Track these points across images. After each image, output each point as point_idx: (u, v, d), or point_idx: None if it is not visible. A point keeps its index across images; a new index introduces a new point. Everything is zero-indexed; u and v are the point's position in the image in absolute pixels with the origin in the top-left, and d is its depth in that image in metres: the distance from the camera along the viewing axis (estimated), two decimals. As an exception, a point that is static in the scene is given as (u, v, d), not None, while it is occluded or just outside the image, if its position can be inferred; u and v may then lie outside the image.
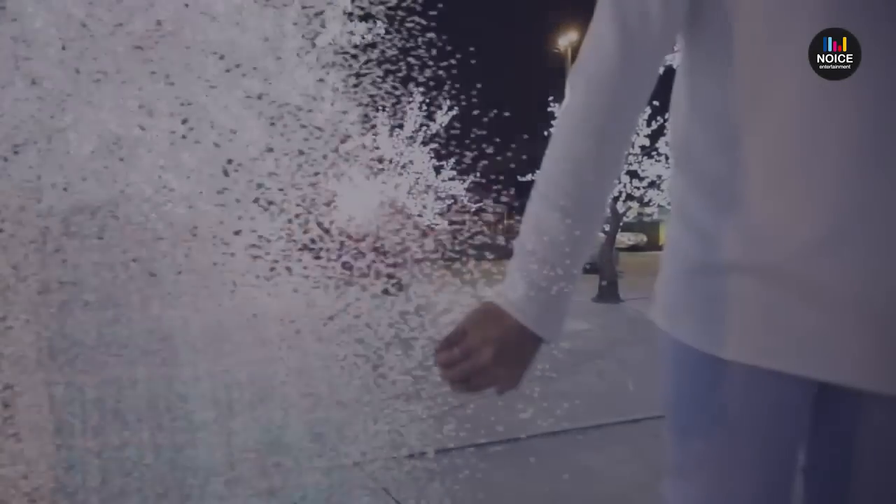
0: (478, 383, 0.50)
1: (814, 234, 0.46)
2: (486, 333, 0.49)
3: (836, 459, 0.56)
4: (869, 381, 0.48)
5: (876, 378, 0.48)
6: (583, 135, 0.51)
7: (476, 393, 0.51)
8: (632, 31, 0.52)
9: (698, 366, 0.56)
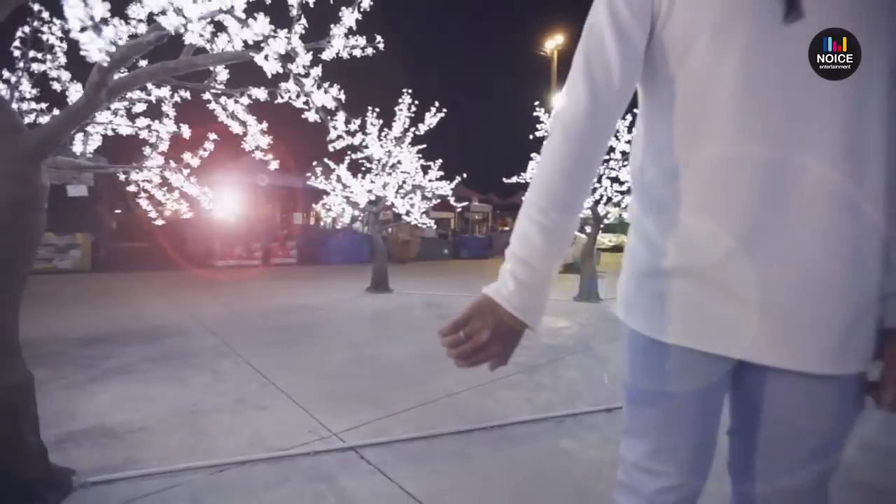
0: (477, 359, 0.65)
1: (728, 248, 0.63)
2: (484, 320, 0.64)
3: (749, 420, 0.73)
4: (770, 358, 0.65)
5: (775, 356, 0.64)
6: (558, 171, 0.67)
7: (474, 366, 0.66)
8: (598, 83, 0.67)
9: (646, 348, 0.72)
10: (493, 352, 0.64)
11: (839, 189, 0.59)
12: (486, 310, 0.65)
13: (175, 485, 1.61)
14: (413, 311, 5.30)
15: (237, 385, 2.65)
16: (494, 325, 0.64)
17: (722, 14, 0.61)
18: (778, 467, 0.71)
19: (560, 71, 20.08)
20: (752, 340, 0.65)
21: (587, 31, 0.70)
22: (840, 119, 0.59)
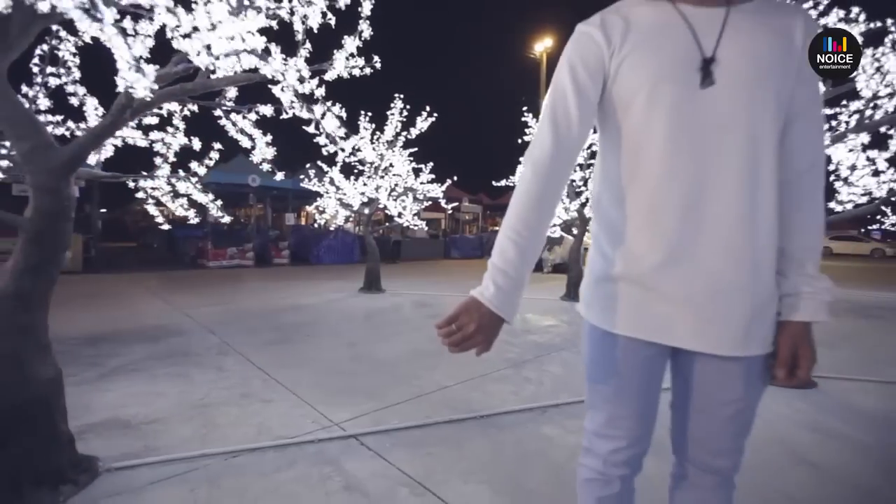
0: (465, 345, 0.82)
1: (659, 261, 0.82)
2: (471, 316, 0.82)
3: (682, 394, 0.92)
4: (694, 345, 0.84)
5: (698, 343, 0.83)
6: (529, 200, 0.85)
7: (464, 351, 0.83)
8: (561, 129, 0.86)
9: (601, 338, 0.91)
10: (478, 340, 0.82)
11: (740, 217, 0.78)
12: (473, 308, 0.83)
13: (193, 469, 1.77)
14: (405, 311, 5.46)
15: (241, 381, 2.80)
16: (479, 320, 0.82)
17: (655, 79, 0.80)
18: (704, 432, 0.90)
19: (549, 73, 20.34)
20: (681, 332, 0.84)
21: (553, 87, 0.88)
22: (740, 163, 0.78)
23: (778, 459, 1.95)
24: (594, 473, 0.96)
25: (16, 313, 1.54)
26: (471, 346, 0.82)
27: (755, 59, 0.78)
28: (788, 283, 0.84)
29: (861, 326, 4.98)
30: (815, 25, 0.84)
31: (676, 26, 0.81)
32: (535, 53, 21.07)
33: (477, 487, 1.68)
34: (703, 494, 0.94)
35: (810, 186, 0.84)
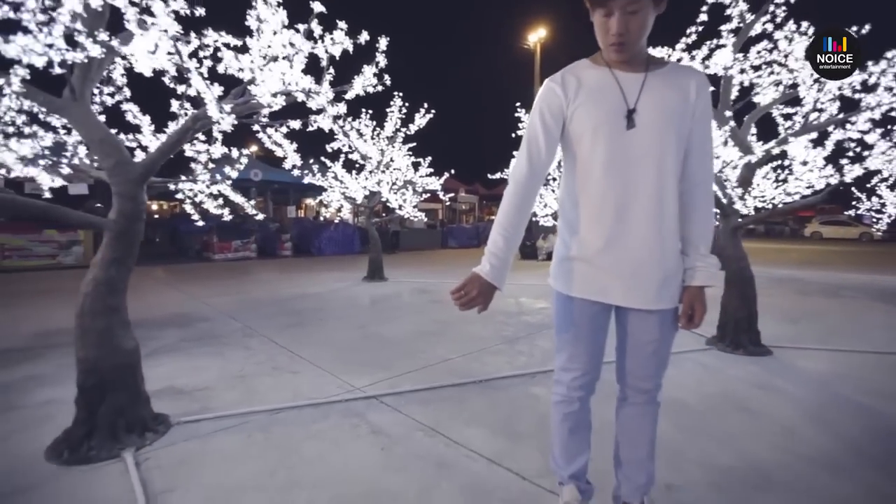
0: (470, 305, 1.21)
1: (599, 246, 1.20)
2: (473, 284, 1.20)
3: (621, 338, 1.32)
4: (626, 302, 1.23)
5: (628, 301, 1.23)
6: (512, 206, 1.23)
7: (469, 309, 1.21)
8: (533, 157, 1.24)
9: (562, 300, 1.30)
10: (479, 301, 1.21)
11: (652, 218, 1.17)
12: (475, 279, 1.21)
13: (245, 422, 2.17)
14: (408, 297, 5.87)
15: (269, 357, 3.20)
16: (479, 287, 1.20)
17: (597, 123, 1.18)
18: (635, 364, 1.31)
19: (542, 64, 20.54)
20: (614, 294, 1.23)
21: (528, 125, 1.26)
22: (652, 178, 1.16)
23: (723, 407, 2.37)
24: (561, 397, 1.36)
25: (106, 296, 1.93)
26: (474, 306, 1.21)
27: (663, 109, 1.17)
28: (688, 259, 1.24)
29: (827, 304, 5.43)
30: (706, 83, 1.23)
31: (612, 86, 1.19)
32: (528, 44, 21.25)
33: (477, 430, 2.09)
34: (638, 409, 1.35)
35: (702, 194, 1.23)
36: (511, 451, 1.90)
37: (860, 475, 1.73)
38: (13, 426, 2.14)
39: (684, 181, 1.22)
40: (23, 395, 2.49)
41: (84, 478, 1.70)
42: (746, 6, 3.16)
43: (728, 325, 3.46)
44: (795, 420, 2.23)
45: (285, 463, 1.81)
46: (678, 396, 2.49)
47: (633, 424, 1.36)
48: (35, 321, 4.26)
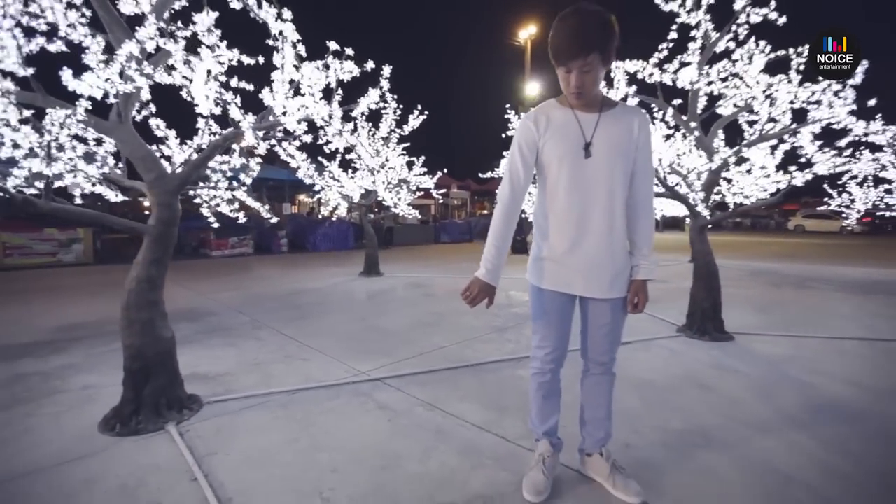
0: (475, 302, 1.55)
1: (565, 248, 1.54)
2: (475, 285, 1.54)
3: (584, 323, 1.66)
4: (586, 293, 1.57)
5: (587, 292, 1.56)
6: (500, 221, 1.57)
7: (476, 305, 1.55)
8: (514, 182, 1.57)
9: (536, 291, 1.64)
10: (481, 298, 1.54)
11: (604, 228, 1.50)
12: (476, 281, 1.55)
13: (267, 401, 2.48)
14: (403, 291, 6.19)
15: (279, 346, 3.51)
16: (480, 287, 1.54)
17: (561, 154, 1.51)
18: (594, 343, 1.64)
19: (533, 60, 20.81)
20: (577, 286, 1.57)
21: (510, 155, 1.59)
22: (605, 196, 1.49)
23: (683, 384, 2.73)
24: (536, 369, 1.70)
25: (147, 292, 2.22)
26: (479, 302, 1.54)
27: (613, 143, 1.49)
28: (634, 258, 1.57)
29: (794, 295, 5.85)
30: (647, 120, 1.56)
31: (573, 124, 1.51)
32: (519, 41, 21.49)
33: (469, 405, 2.43)
34: (597, 378, 1.69)
35: (645, 207, 1.56)
36: (498, 421, 2.24)
37: (784, 434, 2.10)
38: (61, 407, 2.43)
39: (631, 197, 1.55)
40: (63, 382, 2.78)
41: (137, 446, 2.01)
42: (711, 26, 3.50)
43: (695, 314, 3.83)
44: (742, 394, 2.60)
45: (306, 432, 2.13)
46: (646, 377, 2.85)
47: (594, 391, 1.70)
48: (51, 317, 4.52)
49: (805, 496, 1.64)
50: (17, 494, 1.66)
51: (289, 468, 1.83)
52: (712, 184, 3.72)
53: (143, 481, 1.73)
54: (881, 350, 3.49)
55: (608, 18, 1.37)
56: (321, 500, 1.62)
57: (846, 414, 2.34)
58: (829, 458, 1.90)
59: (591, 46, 1.35)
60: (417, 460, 1.89)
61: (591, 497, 1.65)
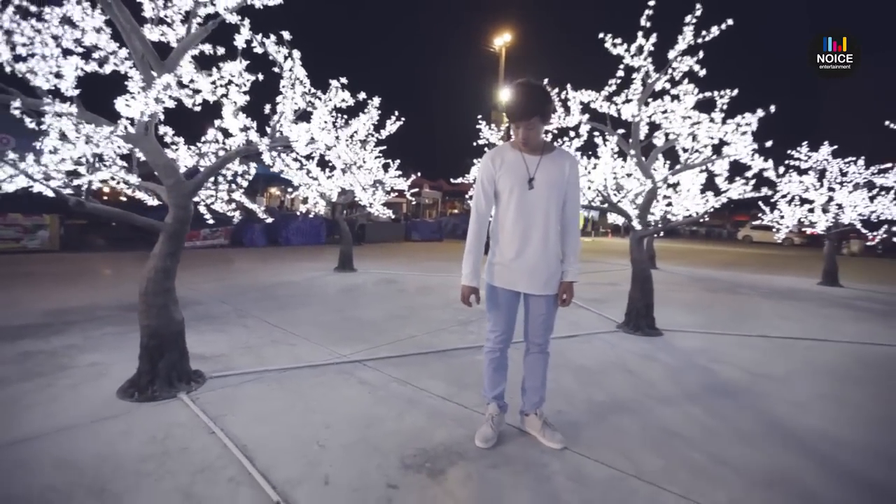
0: (467, 302, 2.05)
1: (512, 256, 2.06)
2: (462, 289, 2.06)
3: (526, 313, 2.18)
4: (528, 290, 2.09)
5: (530, 289, 2.08)
6: (473, 238, 2.08)
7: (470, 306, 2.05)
8: (480, 208, 2.10)
9: (491, 288, 2.16)
10: (470, 296, 2.03)
11: (542, 240, 2.02)
12: (463, 288, 2.05)
13: (262, 377, 2.89)
14: (377, 286, 6.62)
15: (266, 333, 3.89)
16: (467, 290, 2.05)
17: (511, 186, 2.01)
18: (533, 328, 2.17)
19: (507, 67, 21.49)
20: (521, 285, 2.08)
21: (476, 185, 2.08)
22: (542, 219, 2.01)
23: (612, 369, 3.32)
24: (488, 349, 2.21)
25: (163, 281, 2.59)
26: (470, 301, 2.03)
27: (550, 179, 2.01)
28: (564, 265, 2.10)
29: (724, 299, 6.65)
30: (576, 162, 2.09)
31: (520, 163, 2.02)
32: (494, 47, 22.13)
33: (436, 382, 2.91)
34: (535, 356, 2.21)
35: (573, 227, 2.09)
36: (458, 394, 2.74)
37: (680, 405, 2.70)
38: (76, 380, 2.75)
39: (562, 220, 2.07)
40: (70, 360, 3.08)
41: (156, 409, 2.39)
42: (652, 68, 4.11)
43: (631, 312, 4.46)
44: (656, 377, 3.20)
45: (300, 400, 2.56)
46: (583, 363, 3.42)
47: (533, 366, 2.23)
48: (37, 302, 4.70)
49: (681, 444, 2.22)
50: (63, 444, 2.02)
51: (289, 425, 2.27)
52: (649, 202, 4.36)
53: (169, 434, 2.13)
54: (776, 344, 4.21)
55: (546, 91, 1.88)
56: (318, 446, 2.07)
57: (729, 391, 2.98)
58: (708, 420, 2.50)
59: (533, 112, 1.86)
60: (393, 421, 2.36)
61: (526, 445, 2.17)
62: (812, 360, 3.76)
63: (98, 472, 1.81)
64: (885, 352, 4.11)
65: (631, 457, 2.08)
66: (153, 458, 1.92)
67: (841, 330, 4.87)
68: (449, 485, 1.83)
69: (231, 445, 2.02)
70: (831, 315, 5.72)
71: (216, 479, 1.80)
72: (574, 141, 4.65)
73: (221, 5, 2.12)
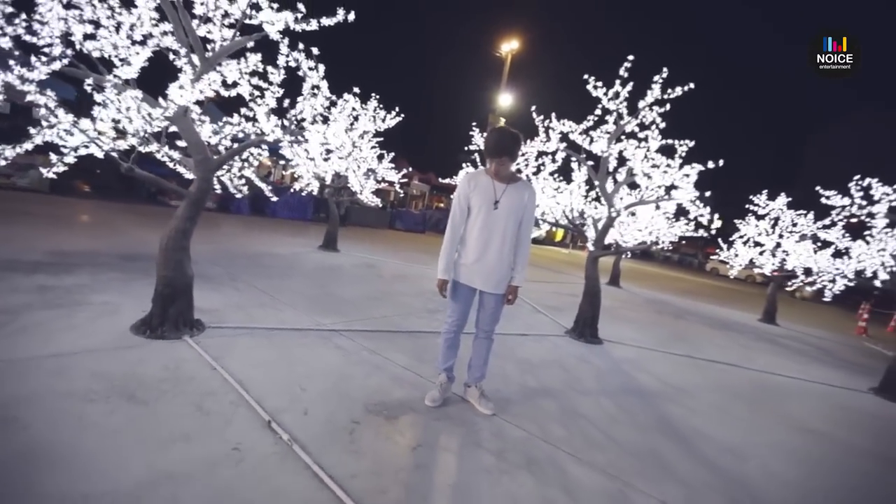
0: (442, 294, 2.59)
1: (474, 259, 2.62)
2: (438, 282, 2.59)
3: (479, 306, 2.75)
4: (483, 287, 2.64)
5: (485, 287, 2.65)
6: (447, 243, 2.63)
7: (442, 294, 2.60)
8: (455, 221, 2.66)
9: (453, 283, 2.72)
10: (444, 286, 2.58)
11: (498, 250, 2.58)
12: (439, 281, 2.59)
13: (252, 333, 3.38)
14: (357, 269, 7.11)
15: (255, 298, 4.36)
16: (441, 282, 2.58)
17: (479, 204, 2.57)
18: (483, 318, 2.74)
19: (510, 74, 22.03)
20: (478, 283, 2.64)
21: (454, 200, 2.63)
22: (500, 233, 2.57)
23: (549, 365, 3.92)
24: (445, 331, 2.76)
25: (181, 239, 3.05)
26: (444, 290, 2.57)
27: (511, 203, 2.57)
28: (513, 272, 2.67)
29: (668, 321, 7.38)
30: (534, 192, 2.66)
31: (490, 188, 2.57)
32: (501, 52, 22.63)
33: (400, 355, 3.46)
34: (481, 340, 2.78)
35: (524, 243, 2.66)
36: (417, 366, 3.29)
37: (596, 397, 3.31)
38: (92, 314, 3.19)
39: (517, 237, 2.63)
40: (83, 297, 3.50)
41: (166, 345, 2.86)
42: (626, 111, 4.71)
43: (580, 321, 5.09)
44: (584, 375, 3.82)
45: (287, 354, 3.07)
46: (528, 357, 4.01)
47: (479, 348, 2.79)
48: (41, 241, 5.04)
49: (585, 423, 2.82)
50: (93, 361, 2.49)
51: (277, 371, 2.78)
52: (606, 228, 4.98)
53: (178, 365, 2.62)
54: (695, 364, 4.91)
55: (516, 136, 2.44)
56: (300, 389, 2.59)
57: (640, 393, 3.62)
58: (613, 410, 3.12)
59: (503, 152, 2.42)
60: (362, 379, 2.90)
61: (465, 409, 2.74)
62: (718, 380, 4.45)
63: (126, 384, 2.29)
64: (778, 380, 4.84)
65: (543, 426, 2.67)
66: (168, 381, 2.41)
67: (754, 359, 5.63)
68: (399, 426, 2.39)
69: (230, 379, 2.53)
70: (753, 347, 6.50)
71: (220, 400, 2.31)
72: (551, 165, 5.23)
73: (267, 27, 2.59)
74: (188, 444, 1.91)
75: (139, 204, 10.59)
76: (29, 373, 2.25)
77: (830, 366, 6.19)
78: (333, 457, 2.00)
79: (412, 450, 2.20)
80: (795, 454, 2.98)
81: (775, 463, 2.78)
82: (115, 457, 1.75)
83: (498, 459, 2.23)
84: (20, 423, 1.84)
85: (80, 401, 2.08)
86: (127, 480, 1.64)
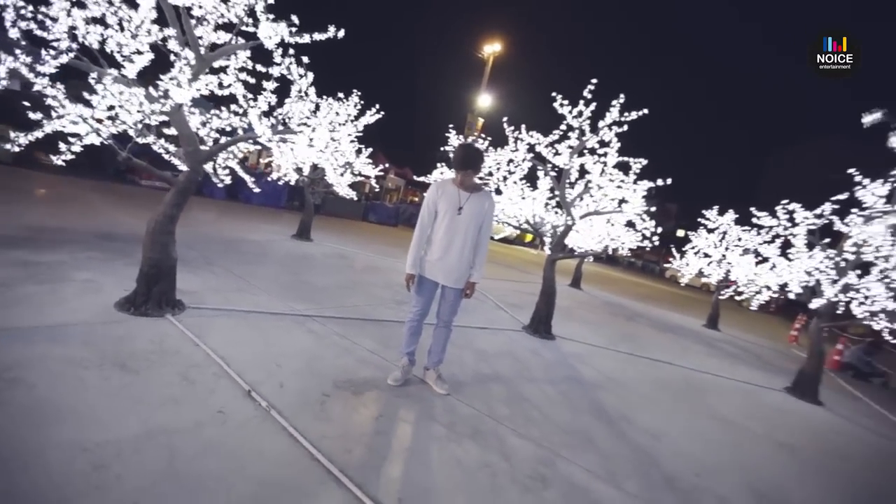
0: (409, 286, 2.93)
1: (437, 257, 2.97)
2: (407, 276, 2.94)
3: (441, 299, 3.11)
4: (445, 282, 3.01)
5: (446, 282, 3.01)
6: (415, 243, 2.97)
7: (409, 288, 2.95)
8: (424, 223, 3.02)
9: (420, 278, 3.08)
10: (409, 281, 2.91)
11: (459, 250, 2.94)
12: (406, 275, 2.93)
13: (230, 315, 3.63)
14: (330, 259, 7.35)
15: (231, 282, 4.58)
16: (408, 276, 2.93)
17: (445, 209, 2.93)
18: (443, 309, 3.10)
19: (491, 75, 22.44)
20: (440, 277, 3.01)
21: (424, 204, 2.98)
22: (462, 235, 2.94)
23: (505, 356, 4.33)
24: (409, 320, 3.12)
25: (168, 224, 3.27)
26: (411, 284, 2.91)
27: (473, 210, 2.94)
28: (471, 270, 3.04)
29: (619, 323, 7.97)
30: (493, 201, 3.04)
31: (455, 195, 2.93)
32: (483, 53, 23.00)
33: (368, 340, 3.79)
34: (441, 329, 3.15)
35: (482, 245, 3.04)
36: (383, 351, 3.63)
37: (539, 384, 3.74)
38: (77, 290, 3.37)
39: (476, 240, 3.00)
40: (66, 273, 3.66)
41: (149, 322, 3.09)
42: (588, 128, 5.16)
43: (535, 318, 5.54)
44: (533, 366, 4.26)
45: (262, 335, 3.35)
46: (485, 348, 4.41)
47: (438, 336, 3.16)
48: (13, 216, 5.07)
49: (527, 405, 3.24)
50: (83, 333, 2.71)
51: (254, 350, 3.06)
52: (564, 234, 5.44)
53: (163, 340, 2.86)
54: (636, 360, 5.44)
55: (479, 152, 2.81)
56: (276, 366, 2.89)
57: (581, 382, 4.08)
58: (554, 396, 3.56)
59: (468, 166, 2.78)
60: (331, 360, 3.22)
61: (423, 389, 3.10)
62: (654, 375, 4.99)
63: (117, 353, 2.54)
64: (706, 378, 5.45)
65: (490, 406, 3.07)
66: (155, 353, 2.67)
67: (689, 359, 6.24)
68: (364, 400, 2.73)
69: (212, 353, 2.80)
70: (691, 348, 7.15)
71: (203, 371, 2.58)
72: (518, 172, 5.65)
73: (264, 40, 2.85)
74: (177, 406, 2.19)
75: (108, 181, 10.41)
76: (29, 340, 2.47)
77: (756, 367, 6.91)
78: (306, 422, 2.32)
79: (375, 419, 2.55)
80: (702, 436, 3.50)
81: (684, 442, 3.28)
82: (114, 414, 2.02)
83: (448, 430, 2.61)
84: (27, 384, 2.08)
85: (77, 367, 2.32)
86: (127, 432, 1.92)
